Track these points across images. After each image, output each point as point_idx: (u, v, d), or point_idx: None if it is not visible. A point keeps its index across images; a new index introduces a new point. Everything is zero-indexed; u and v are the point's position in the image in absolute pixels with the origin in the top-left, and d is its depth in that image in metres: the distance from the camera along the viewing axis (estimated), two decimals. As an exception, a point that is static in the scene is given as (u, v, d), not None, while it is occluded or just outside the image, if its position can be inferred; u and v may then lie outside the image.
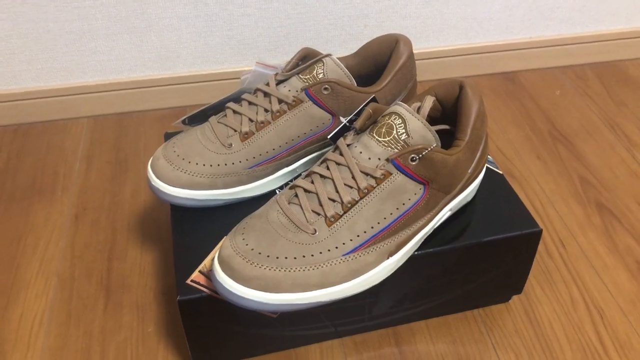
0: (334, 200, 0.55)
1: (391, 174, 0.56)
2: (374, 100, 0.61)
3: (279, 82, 0.65)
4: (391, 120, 0.56)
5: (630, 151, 0.95)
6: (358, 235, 0.55)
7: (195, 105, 1.03)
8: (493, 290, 0.69)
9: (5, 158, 0.94)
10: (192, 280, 0.59)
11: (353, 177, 0.56)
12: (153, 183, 0.63)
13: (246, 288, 0.52)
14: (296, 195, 0.57)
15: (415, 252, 0.61)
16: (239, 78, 0.96)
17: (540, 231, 0.64)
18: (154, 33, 0.95)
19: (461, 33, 1.06)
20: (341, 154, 0.57)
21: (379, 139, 0.56)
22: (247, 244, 0.54)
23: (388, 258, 0.57)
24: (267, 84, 0.65)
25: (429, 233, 0.61)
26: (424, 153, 0.55)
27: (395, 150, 0.56)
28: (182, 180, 0.62)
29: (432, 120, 0.63)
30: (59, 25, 0.92)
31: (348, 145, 0.58)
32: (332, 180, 0.56)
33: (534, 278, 0.76)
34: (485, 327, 0.70)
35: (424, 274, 0.63)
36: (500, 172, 0.70)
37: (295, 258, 0.53)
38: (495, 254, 0.64)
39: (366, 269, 0.55)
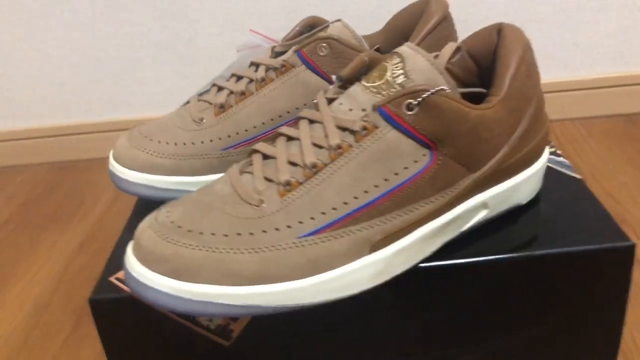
0: (294, 164, 0.39)
1: (377, 127, 0.39)
2: (377, 50, 0.45)
3: (276, 55, 0.52)
4: (386, 62, 0.41)
5: None
6: (324, 213, 0.38)
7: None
8: (565, 349, 0.45)
9: (40, 191, 0.89)
10: (117, 278, 0.44)
11: (326, 135, 0.40)
12: (110, 167, 0.51)
13: (152, 272, 0.37)
14: (251, 163, 0.41)
15: (428, 264, 0.41)
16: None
17: (633, 246, 0.42)
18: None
19: (561, 63, 0.87)
20: (317, 109, 0.42)
21: (366, 84, 0.40)
22: (168, 217, 0.39)
23: (370, 253, 0.38)
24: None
25: (449, 238, 0.42)
26: (424, 96, 0.38)
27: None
28: (139, 160, 0.50)
29: (463, 84, 0.46)
30: (109, 53, 0.89)
31: (328, 99, 0.42)
32: (299, 140, 0.40)
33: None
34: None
35: (442, 303, 0.43)
36: (579, 176, 0.49)
37: (226, 235, 0.37)
38: (562, 279, 0.42)
39: (332, 263, 0.37)
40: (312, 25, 0.53)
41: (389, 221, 0.38)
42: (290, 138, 0.41)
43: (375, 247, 0.38)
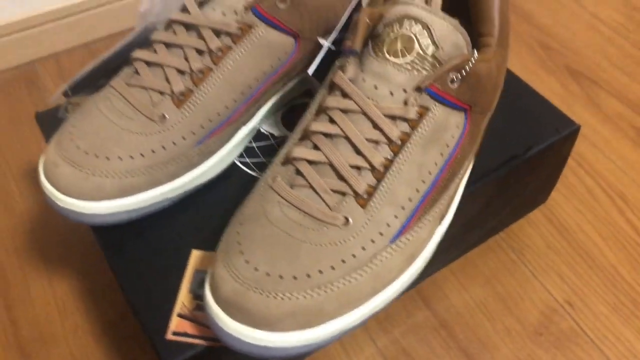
0: (359, 168, 0.37)
1: (428, 109, 0.38)
2: (360, 4, 0.42)
3: (201, 3, 0.43)
4: (406, 30, 0.38)
5: (577, 1, 0.84)
6: (403, 207, 0.38)
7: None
8: (521, 208, 0.56)
9: None
10: (174, 333, 0.39)
11: (377, 127, 0.38)
12: (60, 204, 0.41)
13: (280, 334, 0.34)
14: (299, 173, 0.38)
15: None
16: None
17: (579, 128, 0.51)
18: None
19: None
20: (347, 96, 0.38)
21: (396, 61, 0.38)
22: (255, 268, 0.35)
23: (440, 223, 0.41)
24: (185, 10, 0.43)
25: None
26: (467, 68, 0.38)
27: (424, 72, 0.38)
28: (105, 189, 0.40)
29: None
30: None
31: (352, 81, 0.39)
32: (347, 137, 0.38)
33: (541, 176, 0.64)
34: (515, 253, 0.58)
35: (465, 216, 0.49)
36: (501, 62, 0.55)
37: (333, 269, 0.36)
38: (536, 167, 0.51)
39: (421, 249, 0.39)
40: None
41: (450, 191, 0.40)
42: (329, 135, 0.38)
43: (443, 216, 0.41)
